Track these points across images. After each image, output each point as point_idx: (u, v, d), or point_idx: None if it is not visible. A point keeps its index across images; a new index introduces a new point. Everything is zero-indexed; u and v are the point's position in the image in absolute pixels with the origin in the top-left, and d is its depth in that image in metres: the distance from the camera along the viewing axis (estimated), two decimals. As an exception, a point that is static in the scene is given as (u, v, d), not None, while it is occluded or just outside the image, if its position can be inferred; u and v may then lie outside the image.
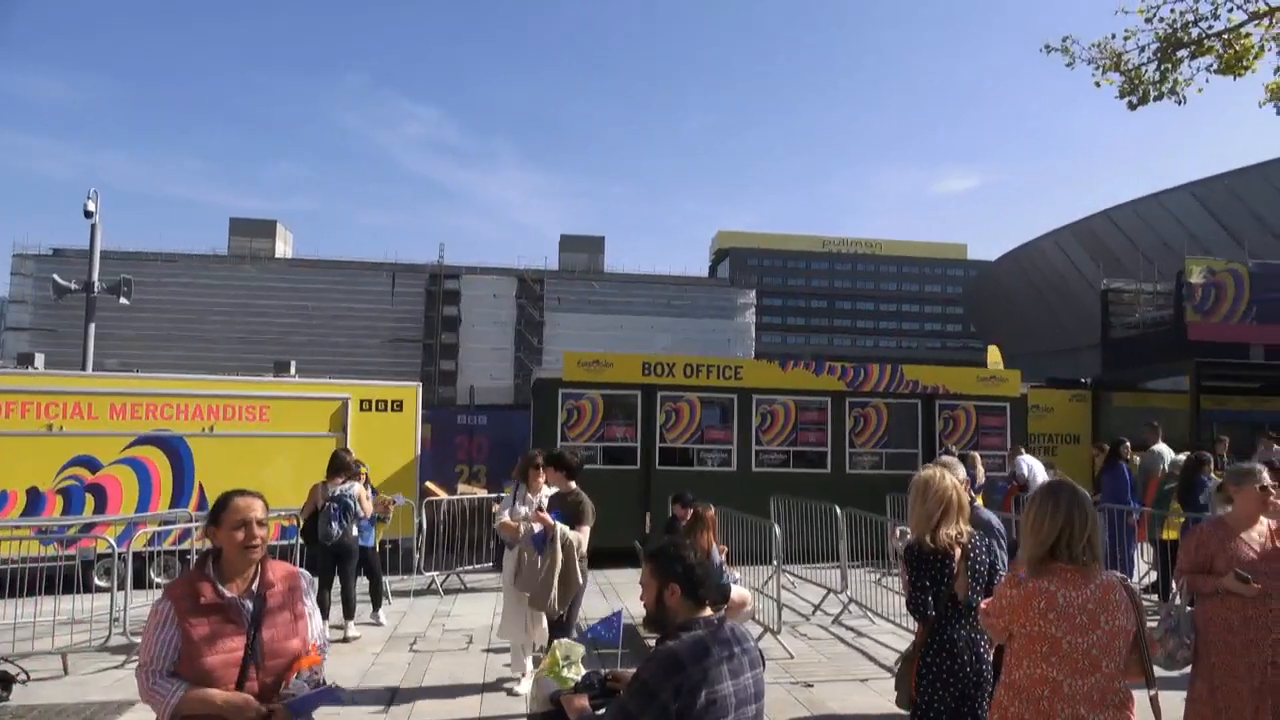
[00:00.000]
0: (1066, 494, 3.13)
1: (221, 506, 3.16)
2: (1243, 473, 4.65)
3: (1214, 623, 4.43)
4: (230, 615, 3.05)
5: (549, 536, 6.48)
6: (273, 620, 3.12)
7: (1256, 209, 36.62)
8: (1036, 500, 3.18)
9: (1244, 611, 4.34)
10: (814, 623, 9.26)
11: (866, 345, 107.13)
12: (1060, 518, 3.06)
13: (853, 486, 12.99)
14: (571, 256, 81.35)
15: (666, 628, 2.87)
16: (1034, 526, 3.09)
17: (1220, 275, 22.53)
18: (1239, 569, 4.33)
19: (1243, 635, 4.33)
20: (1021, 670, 3.04)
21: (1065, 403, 18.15)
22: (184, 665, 2.98)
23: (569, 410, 13.10)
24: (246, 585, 3.14)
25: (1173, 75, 4.06)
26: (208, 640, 2.99)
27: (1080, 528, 3.05)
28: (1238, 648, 4.34)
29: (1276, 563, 4.44)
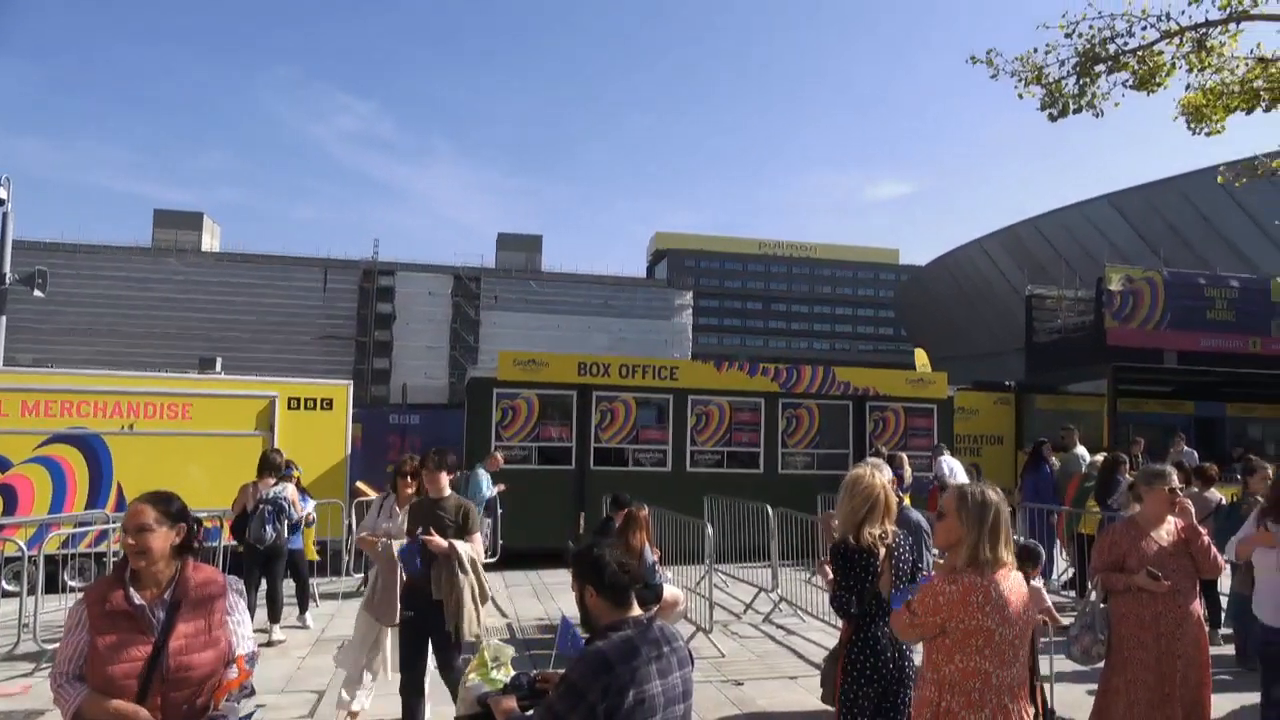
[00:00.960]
0: (983, 495, 3.24)
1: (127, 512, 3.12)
2: (1153, 474, 4.84)
3: (1126, 618, 4.60)
4: (139, 623, 2.97)
5: (444, 556, 5.26)
6: (183, 630, 3.03)
7: (1171, 220, 38.13)
8: (955, 502, 3.27)
9: (1154, 607, 4.51)
10: (745, 621, 9.35)
11: (801, 347, 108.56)
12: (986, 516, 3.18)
13: (785, 486, 13.16)
14: (509, 255, 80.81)
15: (593, 628, 2.87)
16: (966, 526, 3.19)
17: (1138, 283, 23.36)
18: (1150, 567, 4.51)
19: (1153, 630, 4.50)
20: (954, 665, 3.11)
21: (990, 405, 18.65)
22: (89, 671, 2.92)
23: (504, 410, 13.01)
24: (160, 592, 3.05)
25: (1091, 89, 4.21)
26: (113, 648, 2.92)
27: (1001, 525, 3.17)
28: (1148, 642, 4.51)
29: (1184, 560, 4.63)
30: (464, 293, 73.15)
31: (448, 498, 5.53)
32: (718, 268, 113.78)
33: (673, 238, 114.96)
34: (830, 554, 3.97)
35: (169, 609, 3.02)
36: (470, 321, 72.63)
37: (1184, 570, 4.60)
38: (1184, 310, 23.27)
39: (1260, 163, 3.89)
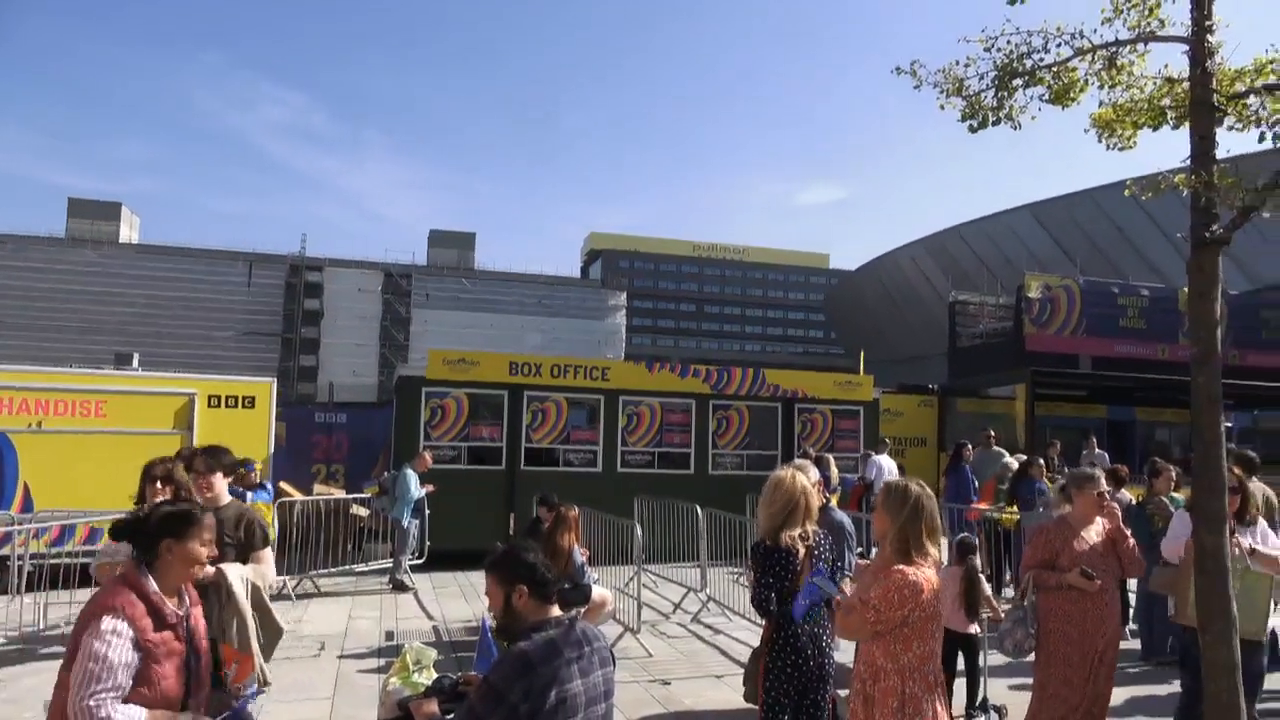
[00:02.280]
0: (904, 487, 3.51)
1: (191, 521, 3.08)
2: (1084, 478, 5.03)
3: (1054, 614, 4.77)
4: (177, 630, 2.95)
5: (212, 584, 4.07)
6: (200, 630, 3.11)
7: (1088, 230, 39.57)
8: (882, 496, 3.45)
9: (1081, 604, 4.69)
10: (674, 621, 9.40)
11: (733, 349, 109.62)
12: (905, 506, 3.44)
13: (715, 487, 13.27)
14: (441, 252, 79.85)
15: (516, 631, 2.86)
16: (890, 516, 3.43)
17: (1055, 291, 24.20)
18: (1083, 566, 4.69)
19: (1079, 626, 4.68)
20: (912, 652, 3.32)
21: (914, 407, 19.12)
22: (145, 688, 2.78)
23: (433, 409, 12.84)
24: (175, 599, 3.04)
25: (1009, 102, 4.34)
26: (163, 660, 2.85)
27: (923, 517, 3.42)
28: (1074, 638, 4.69)
29: (1110, 560, 4.82)
30: (394, 290, 72.06)
31: (225, 507, 4.49)
32: (652, 269, 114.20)
33: (607, 238, 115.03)
34: (750, 554, 4.03)
35: (188, 610, 3.06)
36: (401, 319, 71.57)
37: (1109, 570, 4.80)
38: (1098, 318, 24.20)
39: (1163, 178, 4.06)
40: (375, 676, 6.99)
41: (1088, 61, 4.24)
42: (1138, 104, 4.31)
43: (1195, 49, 3.92)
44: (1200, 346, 3.89)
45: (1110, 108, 4.38)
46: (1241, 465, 7.21)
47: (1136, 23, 4.25)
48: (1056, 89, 4.31)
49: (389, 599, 10.41)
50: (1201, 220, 3.85)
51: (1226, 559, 3.85)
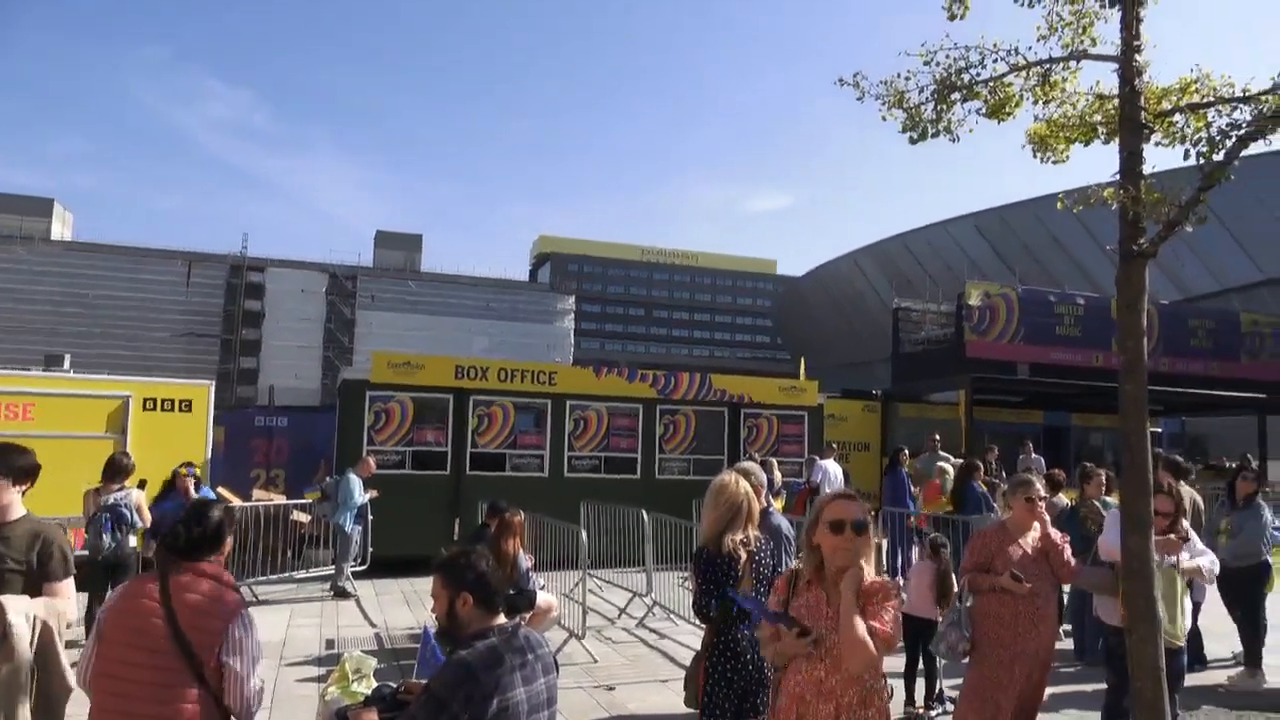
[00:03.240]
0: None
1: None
2: (1019, 484, 5.16)
3: (988, 617, 4.88)
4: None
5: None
6: None
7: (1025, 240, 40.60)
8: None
9: (1014, 608, 4.80)
10: (619, 626, 9.40)
11: (681, 354, 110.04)
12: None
13: (662, 492, 13.31)
14: (387, 253, 78.84)
15: (459, 637, 2.84)
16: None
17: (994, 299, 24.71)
18: (1014, 569, 4.80)
19: (1011, 629, 4.80)
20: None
21: (858, 412, 19.40)
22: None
23: (376, 413, 12.67)
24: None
25: (947, 115, 4.44)
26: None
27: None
28: (1006, 640, 4.81)
29: (1044, 565, 4.95)
30: (339, 291, 70.91)
31: (14, 523, 3.72)
32: (601, 273, 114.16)
33: (556, 241, 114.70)
34: (692, 560, 4.05)
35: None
36: (345, 321, 70.44)
37: (1044, 575, 4.92)
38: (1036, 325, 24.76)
39: (1093, 192, 4.19)
40: (315, 686, 6.87)
41: (1022, 77, 4.37)
42: (1070, 120, 4.45)
43: (1124, 68, 4.06)
44: (1128, 355, 4.02)
45: (1044, 123, 4.52)
46: (1171, 471, 7.46)
47: (1069, 41, 4.39)
48: (993, 103, 4.42)
49: (330, 606, 10.24)
50: (1129, 234, 3.98)
51: (1152, 561, 3.98)
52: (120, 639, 2.92)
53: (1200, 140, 3.94)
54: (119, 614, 2.97)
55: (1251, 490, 8.11)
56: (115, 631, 2.94)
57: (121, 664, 2.89)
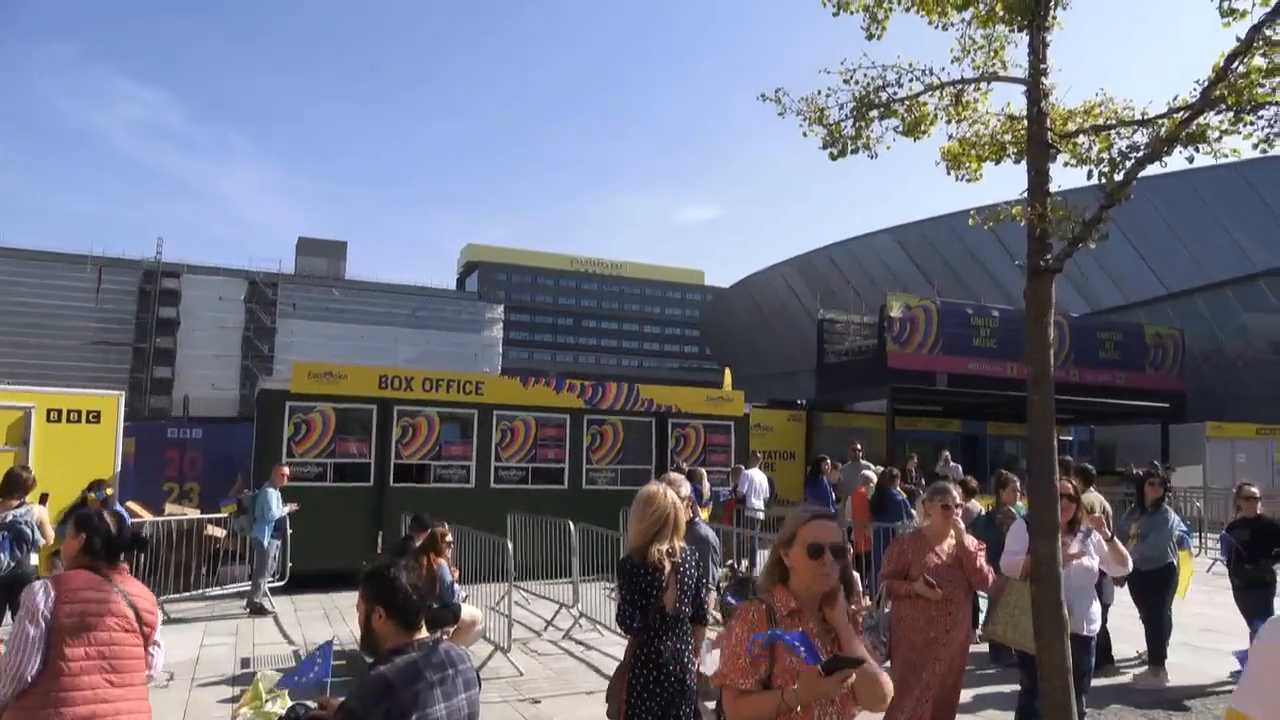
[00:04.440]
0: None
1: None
2: (936, 491, 5.29)
3: (904, 622, 5.00)
4: None
5: None
6: None
7: (944, 253, 41.76)
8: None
9: (929, 613, 4.92)
10: (545, 638, 9.34)
11: (610, 364, 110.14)
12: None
13: (589, 502, 13.27)
14: (310, 260, 77.20)
15: (376, 652, 2.79)
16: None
17: (915, 310, 25.39)
18: (928, 575, 4.92)
19: (925, 634, 4.91)
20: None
21: (784, 422, 19.70)
22: None
23: (297, 424, 12.36)
24: None
25: (866, 132, 4.56)
26: None
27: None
28: (920, 645, 4.92)
29: (958, 571, 5.07)
30: (259, 299, 69.10)
31: None
32: (529, 282, 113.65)
33: (484, 250, 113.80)
34: (617, 570, 4.04)
35: None
36: (265, 329, 68.65)
37: (958, 581, 5.04)
38: (954, 337, 25.53)
39: (1003, 209, 4.35)
40: (228, 707, 6.65)
41: (937, 97, 4.51)
42: (982, 139, 4.61)
43: (1032, 90, 4.22)
44: (1035, 367, 4.17)
45: (957, 142, 4.67)
46: (1080, 477, 7.75)
47: (981, 63, 4.55)
48: (909, 121, 4.55)
49: (246, 624, 9.94)
50: (1037, 250, 4.14)
51: (1059, 566, 4.12)
52: (111, 624, 3.45)
53: (1102, 161, 4.12)
54: (99, 604, 3.44)
55: (1159, 495, 8.48)
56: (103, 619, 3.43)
57: (113, 646, 3.44)
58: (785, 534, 2.86)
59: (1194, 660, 8.52)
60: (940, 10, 4.54)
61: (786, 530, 2.87)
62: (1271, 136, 3.86)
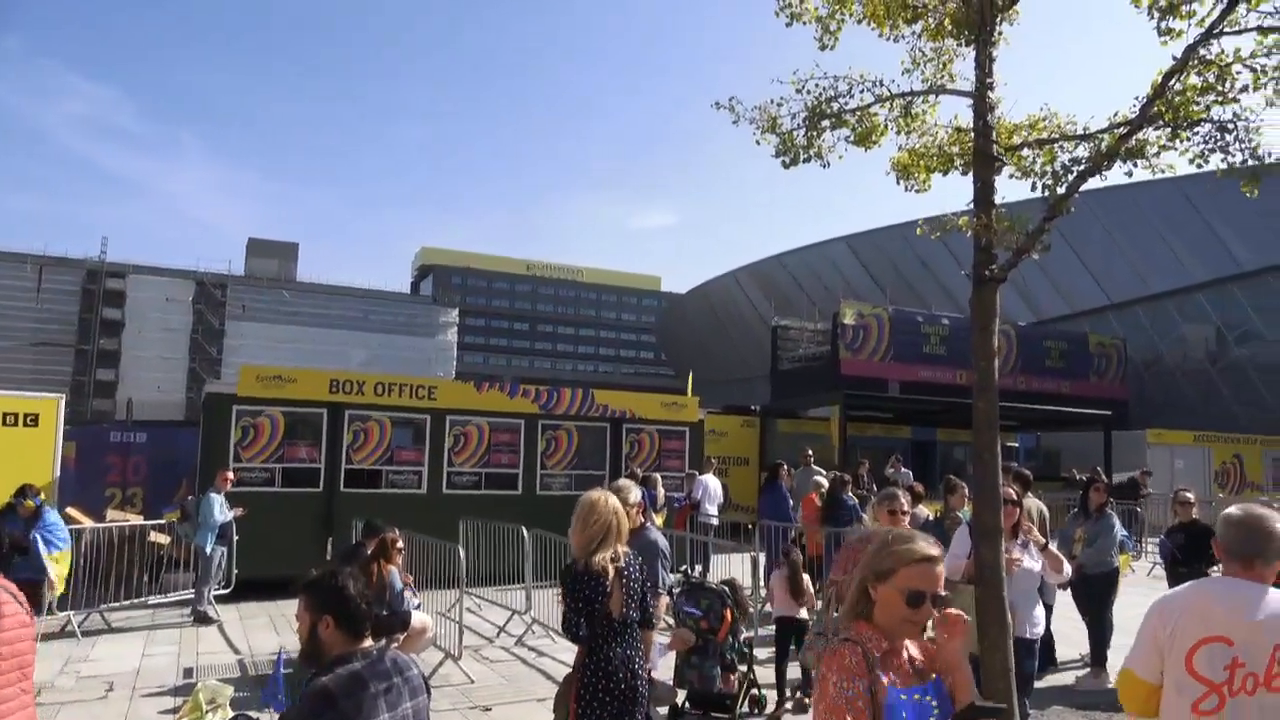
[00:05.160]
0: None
1: None
2: (885, 496, 5.37)
3: None
4: None
5: None
6: None
7: (896, 262, 42.36)
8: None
9: None
10: (497, 645, 9.27)
11: (566, 369, 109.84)
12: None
13: (543, 507, 13.20)
14: (260, 262, 75.89)
15: (320, 662, 2.74)
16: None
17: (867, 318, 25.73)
18: None
19: None
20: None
21: (738, 428, 19.80)
22: None
23: (244, 428, 12.13)
24: None
25: (817, 142, 4.61)
26: None
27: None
28: (869, 649, 4.96)
29: None
30: (208, 300, 67.73)
31: None
32: (485, 286, 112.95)
33: (440, 253, 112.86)
34: (560, 577, 4.03)
35: None
36: (214, 332, 67.30)
37: None
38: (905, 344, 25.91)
39: (949, 219, 4.43)
40: (169, 718, 6.50)
41: (887, 108, 4.58)
42: (930, 150, 4.69)
43: (978, 103, 4.31)
44: (980, 374, 4.25)
45: (907, 152, 4.75)
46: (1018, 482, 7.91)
47: (930, 76, 4.63)
48: (860, 132, 4.62)
49: (190, 632, 9.72)
50: (982, 260, 4.22)
51: (1002, 570, 4.20)
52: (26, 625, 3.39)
53: (1046, 174, 4.23)
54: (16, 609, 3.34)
55: (1103, 501, 8.70)
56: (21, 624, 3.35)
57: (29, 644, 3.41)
58: (881, 566, 2.40)
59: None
60: (891, 24, 4.62)
61: (882, 562, 2.40)
62: (1206, 152, 3.99)
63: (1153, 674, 2.90)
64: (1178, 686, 2.80)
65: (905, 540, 2.43)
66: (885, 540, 2.46)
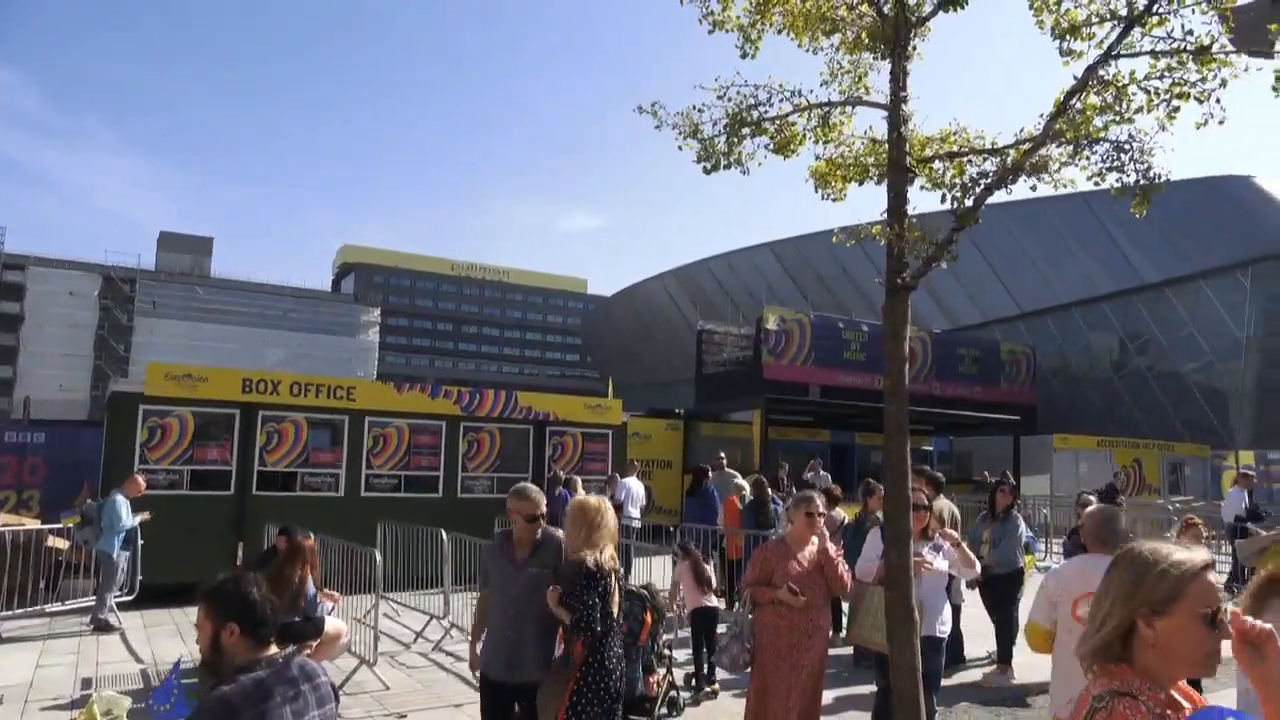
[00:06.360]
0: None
1: None
2: (799, 500, 5.44)
3: (766, 629, 5.12)
4: None
5: None
6: None
7: (818, 269, 43.19)
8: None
9: (790, 619, 5.05)
10: (414, 650, 9.13)
11: (491, 370, 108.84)
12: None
13: (464, 510, 13.06)
14: (173, 257, 73.40)
15: (223, 671, 2.66)
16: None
17: (790, 324, 26.21)
18: (790, 583, 5.05)
19: (787, 640, 5.05)
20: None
21: (661, 431, 19.90)
22: None
23: (151, 429, 11.69)
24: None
25: (738, 149, 4.68)
26: None
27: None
28: (782, 650, 5.05)
29: (819, 577, 5.22)
30: (116, 295, 65.03)
31: None
32: (408, 286, 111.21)
33: (362, 251, 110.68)
34: (577, 575, 4.08)
35: None
36: (121, 328, 64.66)
37: (818, 587, 5.20)
38: (826, 350, 26.47)
39: (863, 228, 4.54)
40: (65, 731, 6.23)
41: (805, 118, 4.67)
42: (847, 160, 4.80)
43: (892, 115, 4.42)
44: (891, 380, 4.36)
45: (824, 162, 4.84)
46: (930, 485, 8.13)
47: (847, 88, 4.74)
48: (779, 140, 4.70)
49: (90, 641, 9.32)
50: (894, 268, 4.33)
51: (911, 572, 4.32)
52: None
53: (955, 186, 4.36)
54: None
55: (1009, 502, 9.00)
56: None
57: None
58: (1157, 594, 1.85)
59: (1040, 659, 9.00)
60: (810, 35, 4.71)
61: (1157, 588, 1.84)
62: (1104, 170, 4.18)
63: (1049, 621, 4.06)
64: (1066, 628, 3.92)
65: (1173, 554, 1.88)
66: (1147, 561, 1.89)
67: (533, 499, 4.48)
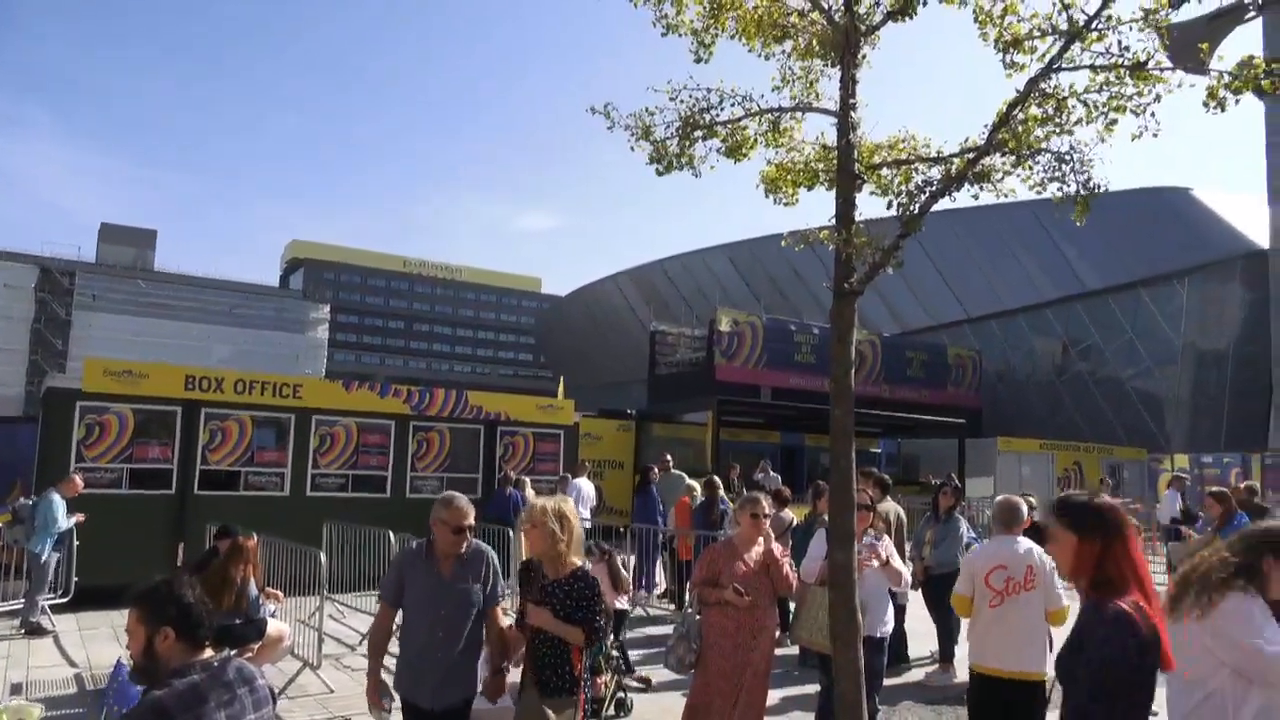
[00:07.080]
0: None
1: None
2: (746, 500, 5.48)
3: (713, 629, 5.15)
4: None
5: None
6: None
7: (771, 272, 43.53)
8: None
9: (736, 620, 5.09)
10: (359, 653, 8.99)
11: (443, 369, 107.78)
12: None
13: (413, 511, 12.89)
14: (114, 249, 71.46)
15: (156, 677, 2.60)
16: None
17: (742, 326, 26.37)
18: (736, 583, 5.09)
19: (733, 639, 5.08)
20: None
21: (613, 431, 19.89)
22: None
23: (89, 426, 11.38)
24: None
25: (689, 151, 4.70)
26: None
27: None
28: (728, 650, 5.08)
29: (764, 578, 5.27)
30: (53, 288, 62.99)
31: None
32: (359, 282, 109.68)
33: (311, 247, 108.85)
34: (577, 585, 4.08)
35: None
36: (59, 322, 62.69)
37: (764, 588, 5.24)
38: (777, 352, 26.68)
39: (811, 233, 4.59)
40: (-8, 737, 6.02)
41: (756, 122, 4.71)
42: (797, 165, 4.85)
43: (842, 122, 4.48)
44: (837, 383, 4.42)
45: (775, 166, 4.89)
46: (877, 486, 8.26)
47: (798, 94, 4.79)
48: (731, 144, 4.74)
49: (20, 645, 9.04)
50: (841, 273, 4.39)
51: (854, 573, 4.38)
52: None
53: (901, 193, 4.44)
54: None
55: (951, 504, 9.15)
56: None
57: None
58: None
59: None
60: (762, 41, 4.75)
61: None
62: (1046, 180, 4.28)
63: (969, 591, 5.19)
64: (980, 594, 5.11)
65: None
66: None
67: (461, 508, 4.15)
